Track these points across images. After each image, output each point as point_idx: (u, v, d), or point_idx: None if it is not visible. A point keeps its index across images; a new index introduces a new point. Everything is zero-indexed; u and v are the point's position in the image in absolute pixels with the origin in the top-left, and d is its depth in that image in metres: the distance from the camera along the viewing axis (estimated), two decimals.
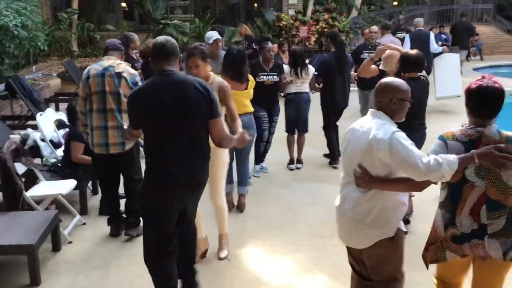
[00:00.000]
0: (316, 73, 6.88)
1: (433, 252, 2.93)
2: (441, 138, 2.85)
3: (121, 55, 4.89)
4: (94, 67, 4.70)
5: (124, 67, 4.70)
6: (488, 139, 2.72)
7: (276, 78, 6.34)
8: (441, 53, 10.51)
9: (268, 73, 6.31)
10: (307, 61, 7.16)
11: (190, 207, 3.54)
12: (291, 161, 6.99)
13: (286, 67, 6.72)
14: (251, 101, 5.72)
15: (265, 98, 6.22)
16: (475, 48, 19.45)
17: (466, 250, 2.78)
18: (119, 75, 4.61)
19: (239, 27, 12.94)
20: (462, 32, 14.75)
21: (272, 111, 6.44)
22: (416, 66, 4.67)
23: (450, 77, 10.27)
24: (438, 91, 10.26)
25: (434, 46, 10.06)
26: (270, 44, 6.48)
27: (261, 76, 6.23)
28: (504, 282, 2.90)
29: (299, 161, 7.05)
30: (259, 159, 6.65)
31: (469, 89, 2.81)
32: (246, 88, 5.32)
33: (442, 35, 16.17)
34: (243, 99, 5.27)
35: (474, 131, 2.77)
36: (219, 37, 6.39)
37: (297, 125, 6.87)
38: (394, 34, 9.90)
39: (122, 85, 4.61)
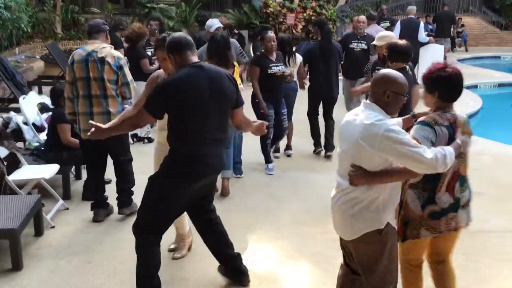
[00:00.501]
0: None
1: (409, 230, 3.04)
2: (427, 124, 2.89)
3: (105, 36, 4.81)
4: (78, 52, 4.67)
5: (107, 51, 4.64)
6: (460, 121, 2.95)
7: (283, 68, 6.21)
8: (427, 43, 10.78)
9: (277, 64, 6.15)
10: (294, 48, 7.13)
11: (209, 193, 3.72)
12: (276, 150, 6.95)
13: None
14: None
15: (274, 92, 6.16)
16: (460, 39, 19.59)
17: (442, 225, 2.97)
18: (102, 60, 4.56)
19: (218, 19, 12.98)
20: (445, 21, 15.05)
21: (280, 104, 6.31)
22: (404, 56, 4.68)
23: None
24: (420, 79, 10.41)
25: (422, 36, 10.39)
26: (270, 33, 6.27)
27: (272, 68, 6.07)
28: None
29: (289, 147, 7.03)
30: (268, 158, 6.42)
31: (440, 76, 2.96)
32: (232, 74, 5.30)
33: (429, 25, 16.23)
34: None
35: (451, 115, 2.95)
36: (220, 25, 6.36)
37: None
38: (378, 24, 10.07)
39: (106, 71, 4.57)
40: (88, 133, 3.53)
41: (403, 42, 4.76)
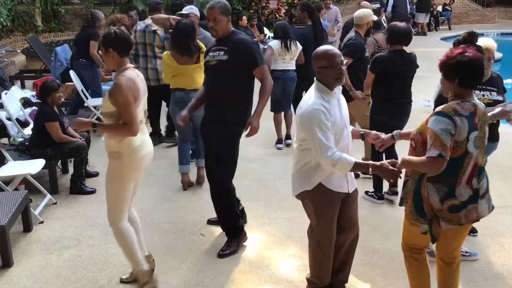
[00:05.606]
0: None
1: (434, 228, 2.93)
2: (446, 115, 2.75)
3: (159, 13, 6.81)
4: (139, 24, 6.64)
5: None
6: (480, 111, 2.82)
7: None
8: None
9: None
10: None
11: None
12: (279, 141, 6.81)
13: (275, 42, 6.48)
14: None
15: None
16: (443, 17, 19.67)
17: (462, 217, 2.87)
18: (154, 31, 6.46)
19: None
20: None
21: None
22: (401, 39, 4.73)
23: None
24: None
25: (408, 6, 14.68)
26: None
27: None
28: None
29: (289, 136, 6.86)
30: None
31: (459, 61, 2.77)
32: (197, 62, 5.20)
33: (413, 6, 16.73)
34: (193, 74, 5.20)
35: (471, 104, 2.80)
36: (192, 11, 6.07)
37: (281, 102, 6.69)
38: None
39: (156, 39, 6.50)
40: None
41: (402, 24, 4.73)
